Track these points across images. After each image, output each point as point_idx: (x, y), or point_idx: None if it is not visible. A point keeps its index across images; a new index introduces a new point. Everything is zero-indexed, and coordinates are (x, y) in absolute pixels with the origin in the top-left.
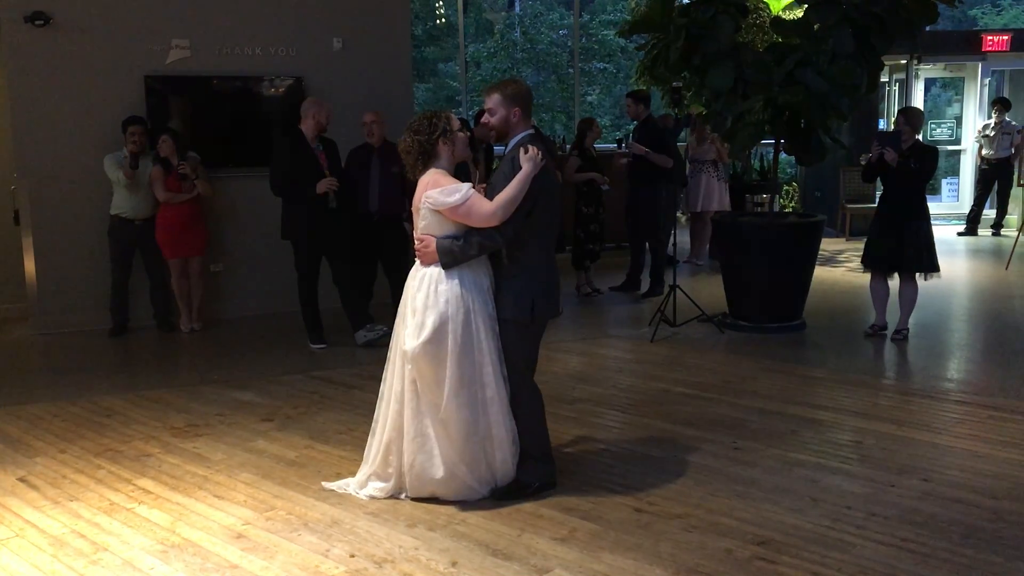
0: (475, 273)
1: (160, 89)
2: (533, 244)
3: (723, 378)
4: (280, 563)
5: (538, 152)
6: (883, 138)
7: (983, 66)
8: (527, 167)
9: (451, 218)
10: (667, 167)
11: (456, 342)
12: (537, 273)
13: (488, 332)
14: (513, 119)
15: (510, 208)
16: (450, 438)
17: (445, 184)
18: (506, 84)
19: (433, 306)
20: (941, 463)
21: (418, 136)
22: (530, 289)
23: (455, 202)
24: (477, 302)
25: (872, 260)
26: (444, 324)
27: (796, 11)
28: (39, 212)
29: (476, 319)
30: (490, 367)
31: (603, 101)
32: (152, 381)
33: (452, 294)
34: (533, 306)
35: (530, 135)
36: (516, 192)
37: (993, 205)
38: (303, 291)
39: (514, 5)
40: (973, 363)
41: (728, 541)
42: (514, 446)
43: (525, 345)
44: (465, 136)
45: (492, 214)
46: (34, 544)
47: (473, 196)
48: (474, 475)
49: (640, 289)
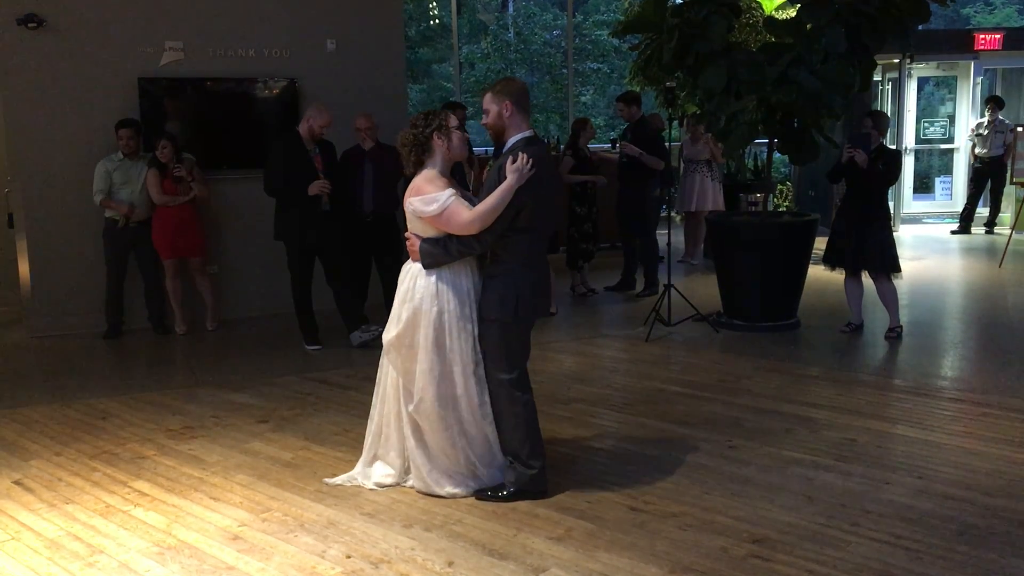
0: (454, 274)
1: (154, 91)
2: (520, 245)
3: (718, 377)
4: (276, 564)
5: (527, 162)
6: (855, 140)
7: (976, 65)
8: (511, 178)
9: (431, 225)
10: (659, 169)
11: (427, 338)
12: (522, 273)
13: (460, 332)
14: (505, 113)
15: (489, 218)
16: (428, 429)
17: (428, 191)
18: (497, 82)
19: (409, 300)
20: (935, 460)
21: (414, 129)
22: (514, 289)
23: (432, 212)
24: (452, 302)
25: (834, 259)
26: (416, 318)
27: (789, 11)
28: (33, 215)
29: (449, 319)
30: (459, 367)
31: (597, 101)
32: (147, 383)
33: (428, 292)
34: (517, 306)
35: (525, 139)
36: (496, 203)
37: (986, 203)
38: (297, 293)
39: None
40: (966, 361)
41: (723, 539)
42: (490, 447)
43: (510, 345)
44: (462, 134)
45: (469, 223)
46: (30, 547)
47: (452, 205)
48: (454, 467)
49: (635, 289)
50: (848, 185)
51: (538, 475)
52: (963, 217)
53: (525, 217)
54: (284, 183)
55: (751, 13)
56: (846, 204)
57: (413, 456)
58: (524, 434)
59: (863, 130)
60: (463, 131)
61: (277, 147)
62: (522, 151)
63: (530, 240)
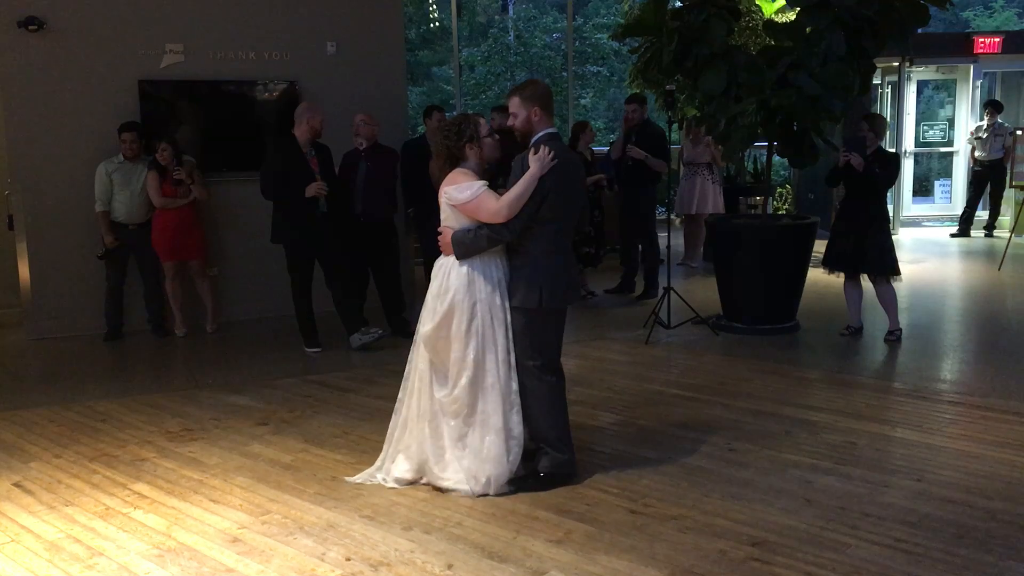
0: (485, 264)
1: (154, 94)
2: (544, 236)
3: (717, 380)
4: (276, 567)
5: (549, 153)
6: (851, 143)
7: (975, 68)
8: (534, 167)
9: (464, 213)
10: (663, 172)
11: (460, 327)
12: (547, 263)
13: (495, 321)
14: (534, 118)
15: (516, 206)
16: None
17: (461, 181)
18: (524, 86)
19: (444, 293)
20: (934, 463)
21: (447, 141)
22: (538, 278)
23: (465, 199)
24: (484, 291)
25: (833, 262)
26: (452, 310)
27: (788, 14)
28: (33, 217)
29: (482, 308)
30: (493, 355)
31: (597, 104)
32: (147, 385)
33: (461, 283)
34: (541, 295)
35: (548, 135)
36: (522, 191)
37: (986, 207)
38: (296, 295)
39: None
40: (966, 364)
41: (723, 542)
42: (510, 439)
43: (536, 333)
44: (493, 140)
45: (498, 211)
46: (30, 549)
47: (483, 194)
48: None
49: (635, 291)
50: (847, 188)
51: (568, 460)
52: (962, 220)
53: (548, 207)
54: (281, 185)
55: (751, 16)
56: (845, 207)
57: (432, 449)
58: (553, 419)
59: (859, 133)
60: (493, 137)
61: (273, 150)
62: (549, 145)
63: (554, 231)
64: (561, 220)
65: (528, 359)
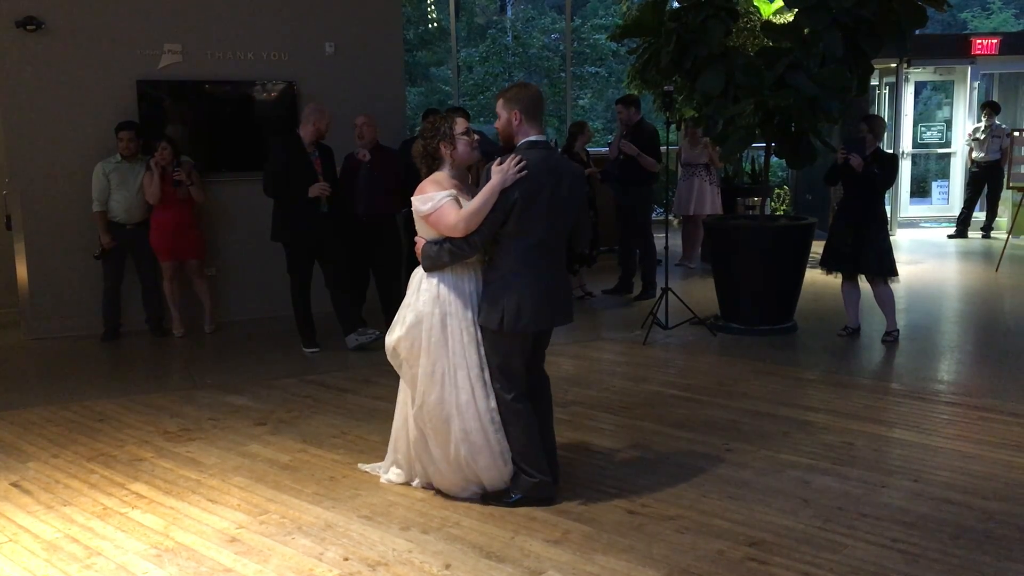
0: (457, 277)
1: (153, 94)
2: (514, 251)
3: (715, 380)
4: (274, 567)
5: (513, 163)
6: (851, 144)
7: (972, 69)
8: (494, 179)
9: (428, 225)
10: (654, 170)
11: (429, 341)
12: (517, 283)
13: (463, 336)
14: (515, 121)
15: (473, 220)
16: (430, 433)
17: (428, 191)
18: (510, 88)
19: (413, 304)
20: (931, 464)
21: (423, 140)
22: (505, 298)
23: (427, 211)
24: (455, 305)
25: (831, 263)
26: (419, 322)
27: (786, 15)
28: (31, 216)
29: (452, 322)
30: (465, 371)
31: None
32: (145, 386)
33: (430, 295)
34: (503, 317)
35: (528, 143)
36: (480, 204)
37: (983, 208)
38: (295, 295)
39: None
40: (963, 365)
41: (720, 542)
42: (497, 454)
43: (500, 354)
44: (469, 139)
45: (455, 225)
46: (27, 549)
47: (443, 206)
48: (457, 473)
49: (632, 292)
50: (845, 189)
51: (539, 484)
52: (960, 221)
53: (515, 222)
54: (283, 184)
55: (749, 17)
56: (843, 208)
57: (419, 455)
58: (529, 442)
59: (858, 135)
60: (471, 136)
61: (278, 148)
62: (523, 153)
63: (525, 248)
64: (530, 236)
65: (495, 380)
